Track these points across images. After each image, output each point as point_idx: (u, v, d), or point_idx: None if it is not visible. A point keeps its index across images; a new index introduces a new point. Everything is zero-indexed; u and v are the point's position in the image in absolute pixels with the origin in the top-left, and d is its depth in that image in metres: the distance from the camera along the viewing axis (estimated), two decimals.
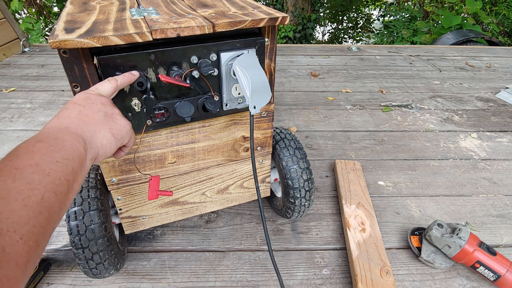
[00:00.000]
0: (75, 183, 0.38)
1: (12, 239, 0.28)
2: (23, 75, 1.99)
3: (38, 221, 0.31)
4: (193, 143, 0.76)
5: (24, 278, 0.29)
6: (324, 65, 2.23)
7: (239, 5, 0.70)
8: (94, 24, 0.57)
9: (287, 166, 0.86)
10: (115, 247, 0.77)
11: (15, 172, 0.32)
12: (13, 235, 0.28)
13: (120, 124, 0.50)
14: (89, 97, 0.49)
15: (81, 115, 0.45)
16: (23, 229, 0.29)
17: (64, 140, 0.39)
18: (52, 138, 0.38)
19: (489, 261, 0.80)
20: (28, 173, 0.33)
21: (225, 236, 0.97)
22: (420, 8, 4.93)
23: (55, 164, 0.35)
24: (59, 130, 0.41)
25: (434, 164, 1.28)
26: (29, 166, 0.33)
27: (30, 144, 0.36)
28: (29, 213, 0.30)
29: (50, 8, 4.87)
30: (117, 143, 0.49)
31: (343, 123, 1.56)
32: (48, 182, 0.34)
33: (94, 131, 0.45)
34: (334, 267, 0.88)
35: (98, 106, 0.48)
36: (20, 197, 0.30)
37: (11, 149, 0.35)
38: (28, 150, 0.35)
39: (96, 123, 0.46)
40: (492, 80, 2.04)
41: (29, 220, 0.30)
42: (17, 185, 0.31)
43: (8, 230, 0.28)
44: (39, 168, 0.34)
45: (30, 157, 0.34)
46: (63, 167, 0.36)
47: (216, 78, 0.66)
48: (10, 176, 0.32)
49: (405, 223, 1.02)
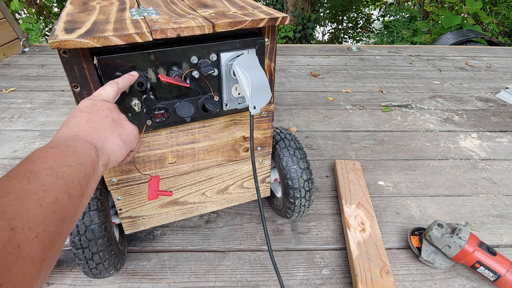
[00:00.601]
0: (88, 188, 0.39)
1: (27, 237, 0.28)
2: (23, 75, 1.99)
3: (52, 220, 0.32)
4: (193, 143, 0.76)
5: (40, 277, 0.29)
6: (324, 65, 2.23)
7: (239, 5, 0.70)
8: (94, 24, 0.57)
9: (287, 166, 0.86)
10: (115, 247, 0.77)
11: (29, 175, 0.33)
12: (28, 232, 0.29)
13: (128, 129, 0.51)
14: (95, 104, 0.49)
15: (89, 122, 0.46)
16: (37, 227, 0.30)
17: (76, 147, 0.40)
18: (65, 145, 0.40)
19: (489, 261, 0.80)
20: (42, 175, 0.34)
21: (225, 236, 0.97)
22: (420, 8, 4.93)
23: (68, 168, 0.36)
24: (70, 138, 0.42)
25: (434, 164, 1.28)
26: (43, 169, 0.34)
27: (43, 150, 0.37)
28: (43, 213, 0.31)
29: (50, 8, 4.87)
30: (127, 148, 0.50)
31: (343, 123, 1.56)
32: (62, 184, 0.34)
33: (104, 138, 0.46)
34: (334, 267, 0.88)
35: (105, 112, 0.49)
36: (35, 198, 0.31)
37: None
38: (42, 156, 0.36)
39: (105, 129, 0.47)
40: (492, 80, 2.04)
41: (43, 219, 0.31)
42: (31, 186, 0.32)
43: (23, 228, 0.29)
44: (53, 171, 0.35)
45: (44, 162, 0.35)
46: (76, 171, 0.37)
47: (216, 78, 0.66)
48: (25, 178, 0.32)
49: (405, 223, 1.02)
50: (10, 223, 0.28)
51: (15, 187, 0.31)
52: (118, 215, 0.81)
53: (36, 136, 1.41)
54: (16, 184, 0.31)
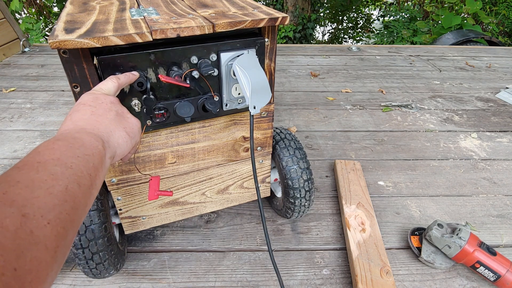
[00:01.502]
0: (97, 179, 0.39)
1: (39, 223, 0.28)
2: (23, 75, 1.99)
3: (64, 208, 0.32)
4: (193, 143, 0.76)
5: (55, 265, 0.29)
6: (324, 65, 2.23)
7: (239, 5, 0.70)
8: (94, 24, 0.57)
9: (287, 166, 0.86)
10: (115, 247, 0.77)
11: (37, 165, 0.33)
12: (40, 219, 0.29)
13: (132, 122, 0.51)
14: (97, 97, 0.49)
15: (94, 116, 0.46)
16: (49, 214, 0.30)
17: (83, 139, 0.40)
18: (71, 138, 0.39)
19: (489, 261, 0.80)
20: (50, 166, 0.34)
21: (225, 236, 0.97)
22: (420, 8, 4.93)
23: (76, 158, 0.36)
24: (76, 131, 0.42)
25: (434, 164, 1.28)
26: (51, 160, 0.34)
27: (50, 142, 0.37)
28: (54, 201, 0.31)
29: (50, 8, 4.87)
30: (132, 142, 0.50)
31: (343, 123, 1.56)
32: (71, 174, 0.34)
33: (110, 131, 0.46)
34: (334, 267, 0.88)
35: (109, 105, 0.49)
36: (44, 186, 0.31)
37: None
38: (49, 147, 0.36)
39: (110, 122, 0.47)
40: (492, 80, 2.04)
41: (54, 207, 0.31)
42: (40, 175, 0.32)
43: (35, 214, 0.29)
44: (61, 161, 0.35)
45: (51, 153, 0.35)
46: (84, 162, 0.37)
47: (216, 78, 0.66)
48: (33, 168, 0.32)
49: (405, 223, 1.02)
50: (21, 210, 0.28)
51: (23, 176, 0.31)
52: (118, 215, 0.81)
53: (36, 136, 1.41)
54: (25, 174, 0.31)
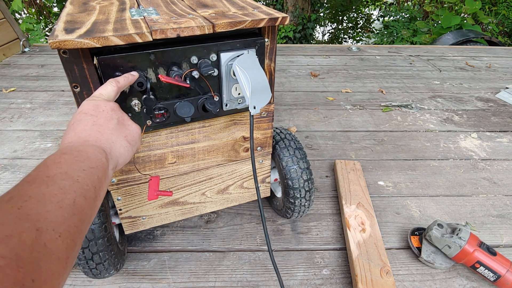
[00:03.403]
0: (101, 190, 0.41)
1: (51, 236, 0.30)
2: (23, 75, 1.99)
3: (72, 221, 0.34)
4: (193, 143, 0.76)
5: (65, 274, 0.31)
6: (324, 65, 2.23)
7: (239, 5, 0.70)
8: (94, 25, 0.57)
9: (287, 166, 0.86)
10: (115, 247, 0.77)
11: (47, 180, 0.35)
12: (52, 233, 0.31)
13: (133, 130, 0.52)
14: (98, 105, 0.49)
15: (96, 126, 0.47)
16: (60, 227, 0.32)
17: (87, 152, 0.42)
18: (76, 151, 0.41)
19: (489, 261, 0.80)
20: (59, 180, 0.35)
21: (225, 236, 0.97)
22: (420, 8, 4.93)
23: (82, 172, 0.38)
24: (80, 143, 0.44)
25: (434, 164, 1.28)
26: (59, 174, 0.36)
27: (56, 156, 0.39)
28: (64, 214, 0.33)
29: (50, 8, 4.86)
30: (133, 149, 0.51)
31: (343, 123, 1.56)
32: (78, 187, 0.36)
33: (112, 141, 0.47)
34: (334, 267, 0.88)
35: (110, 113, 0.49)
36: (55, 200, 0.33)
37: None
38: (56, 161, 0.38)
39: (112, 132, 0.48)
40: (492, 80, 2.04)
41: (64, 220, 0.33)
42: (50, 190, 0.34)
43: (47, 228, 0.30)
44: (68, 175, 0.37)
45: (58, 167, 0.37)
46: (89, 175, 0.39)
47: (216, 78, 0.66)
48: (43, 183, 0.34)
49: (405, 223, 1.02)
50: (35, 224, 0.30)
51: (35, 191, 0.33)
52: (118, 215, 0.81)
53: (36, 136, 1.41)
54: (36, 189, 0.33)
